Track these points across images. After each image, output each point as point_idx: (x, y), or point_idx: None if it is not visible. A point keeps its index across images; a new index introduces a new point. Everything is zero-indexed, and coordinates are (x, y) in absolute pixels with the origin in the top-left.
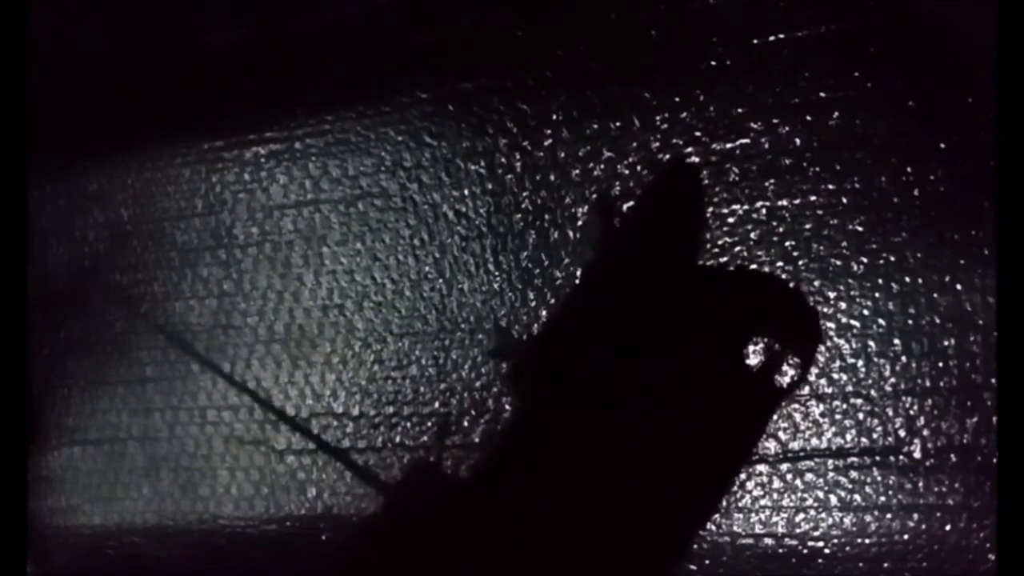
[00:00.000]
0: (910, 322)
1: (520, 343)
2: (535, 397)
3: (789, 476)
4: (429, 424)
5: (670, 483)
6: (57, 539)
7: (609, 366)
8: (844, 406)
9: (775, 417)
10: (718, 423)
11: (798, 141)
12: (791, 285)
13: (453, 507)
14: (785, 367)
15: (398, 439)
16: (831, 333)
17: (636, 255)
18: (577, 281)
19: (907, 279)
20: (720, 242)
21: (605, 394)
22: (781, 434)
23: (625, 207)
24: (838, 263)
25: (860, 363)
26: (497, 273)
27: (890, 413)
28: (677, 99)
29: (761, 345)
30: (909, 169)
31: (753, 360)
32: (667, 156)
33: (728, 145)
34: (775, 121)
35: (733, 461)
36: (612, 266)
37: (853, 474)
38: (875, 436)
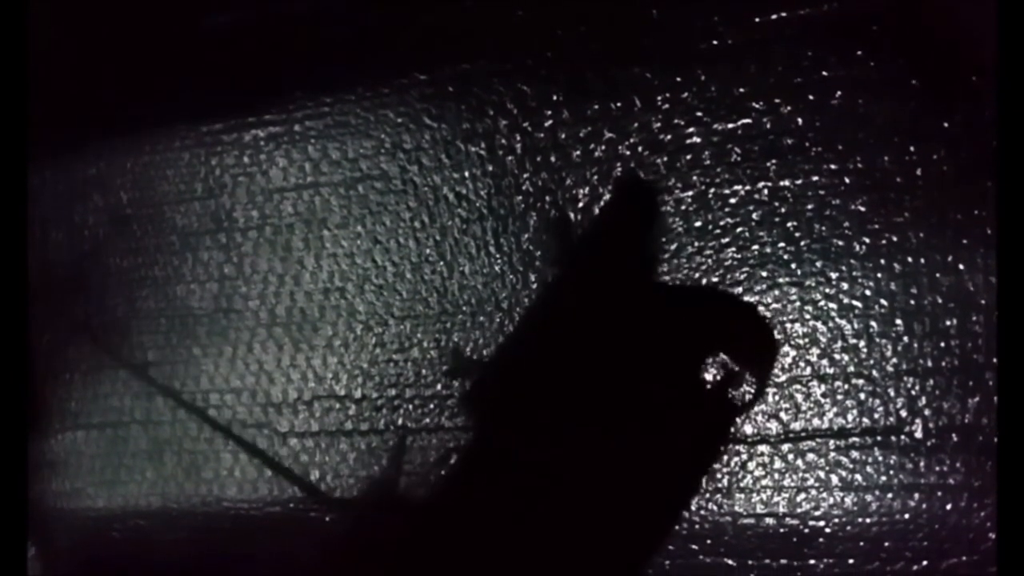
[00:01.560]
0: (912, 302)
1: (475, 363)
2: (493, 415)
3: (791, 456)
4: (431, 406)
5: (629, 498)
6: (61, 522)
7: (567, 383)
8: (846, 386)
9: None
10: (675, 439)
11: (800, 121)
12: (748, 304)
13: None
14: (741, 385)
15: (400, 421)
16: (833, 313)
17: (594, 274)
18: (536, 299)
19: (909, 259)
20: (722, 223)
21: (563, 411)
22: (783, 415)
23: (582, 228)
24: (840, 243)
25: (862, 343)
26: (498, 255)
27: (892, 393)
28: (678, 79)
29: (718, 363)
30: (912, 149)
31: (710, 377)
32: (669, 136)
33: (730, 125)
34: (777, 101)
35: (690, 475)
36: (570, 285)
37: (854, 454)
38: (876, 416)
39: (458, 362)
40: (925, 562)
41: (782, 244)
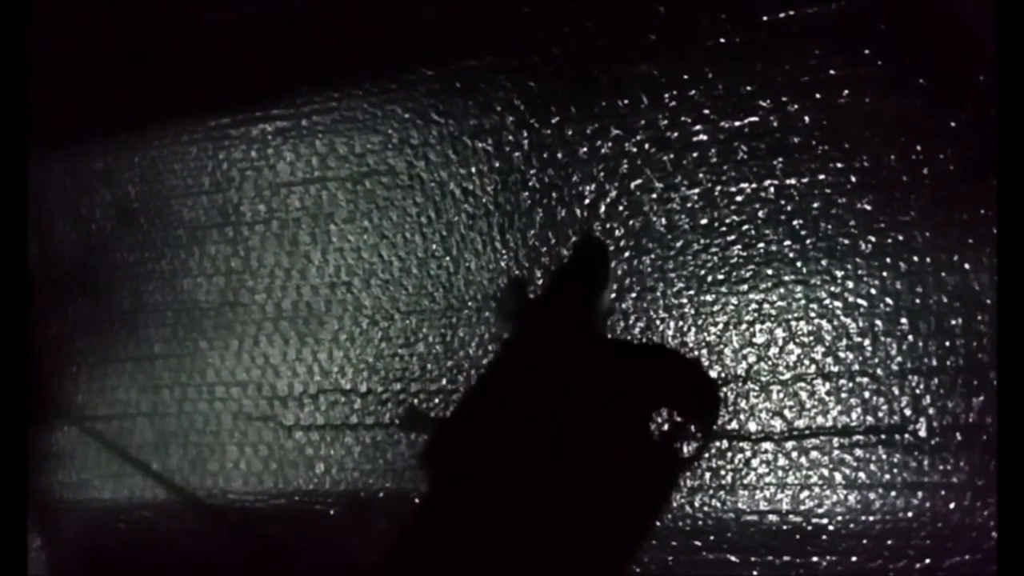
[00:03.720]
0: (917, 301)
1: (430, 418)
2: (448, 470)
3: (794, 454)
4: (437, 401)
5: (581, 544)
6: (67, 514)
7: (520, 438)
8: (850, 385)
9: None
10: (625, 488)
11: (807, 119)
12: (693, 360)
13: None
14: (686, 436)
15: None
16: (838, 312)
17: (549, 331)
18: (491, 356)
19: (915, 258)
20: (728, 221)
21: (515, 466)
22: (787, 412)
23: (537, 285)
24: (846, 242)
25: (867, 342)
26: (504, 251)
27: (896, 392)
28: (685, 77)
29: (664, 416)
30: (918, 148)
31: (656, 430)
32: (675, 134)
33: (736, 123)
34: (784, 99)
35: (640, 521)
36: (525, 341)
37: (858, 452)
38: (881, 415)
39: (414, 417)
40: (928, 560)
41: (788, 242)
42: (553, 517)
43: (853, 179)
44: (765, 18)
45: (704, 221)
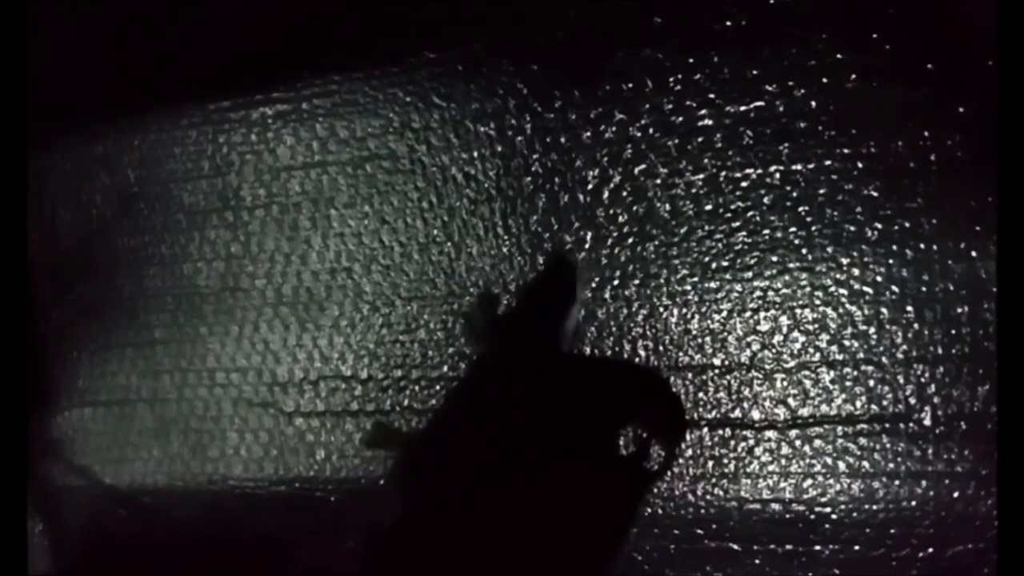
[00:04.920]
0: (923, 289)
1: (400, 433)
2: (419, 483)
3: (798, 442)
4: (438, 388)
5: (550, 557)
6: (68, 499)
7: (489, 455)
8: (855, 373)
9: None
10: (593, 503)
11: (813, 104)
12: (659, 378)
13: None
14: (651, 453)
15: (406, 402)
16: (843, 299)
17: (518, 348)
18: (462, 372)
19: (921, 245)
20: (733, 207)
21: (484, 482)
22: (791, 400)
23: (506, 302)
24: (852, 229)
25: (872, 330)
26: (506, 237)
27: (901, 380)
28: (691, 61)
29: (630, 433)
30: (925, 134)
31: (623, 446)
32: (680, 118)
33: (742, 108)
34: (790, 84)
35: (607, 537)
36: (495, 358)
37: (862, 441)
38: (885, 403)
39: (382, 435)
40: (931, 549)
41: (793, 229)
42: (525, 534)
43: (860, 165)
44: (771, 1)
45: (709, 207)
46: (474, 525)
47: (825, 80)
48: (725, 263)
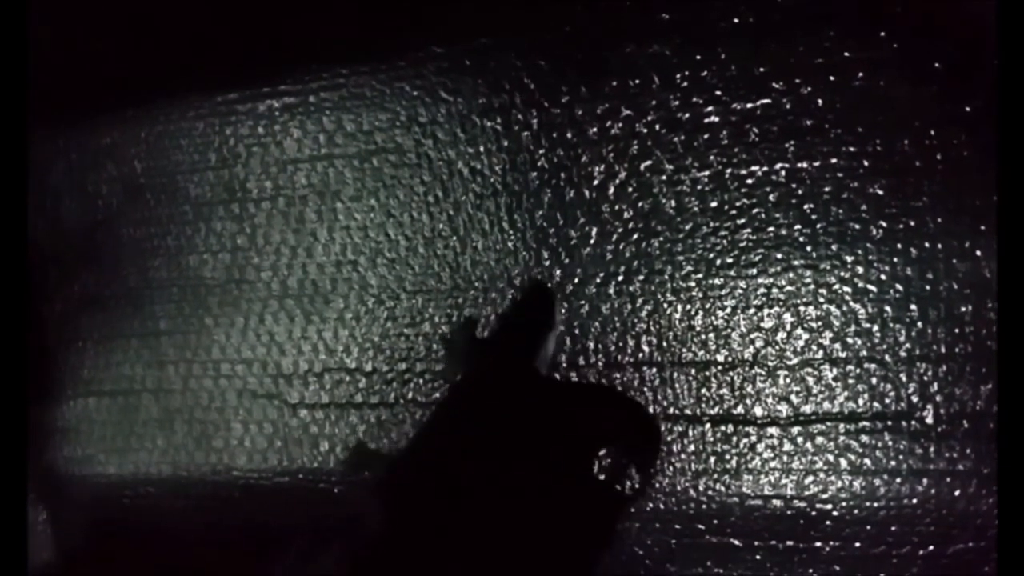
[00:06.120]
0: (928, 288)
1: (380, 455)
2: (398, 506)
3: (800, 439)
4: (441, 381)
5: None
6: (72, 489)
7: (468, 477)
8: (858, 371)
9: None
10: (570, 528)
11: (820, 102)
12: (636, 402)
13: None
14: (629, 477)
15: (410, 396)
16: (847, 297)
17: (495, 372)
18: (442, 394)
19: (926, 244)
20: (738, 204)
21: (463, 503)
22: (793, 397)
23: (486, 326)
24: (857, 227)
25: (875, 328)
26: (511, 232)
27: (904, 379)
28: (698, 57)
29: (608, 457)
30: (932, 133)
31: (600, 470)
32: (687, 115)
33: (748, 105)
34: (797, 81)
35: (581, 560)
36: (475, 380)
37: (864, 438)
38: (888, 401)
39: (361, 455)
40: (931, 547)
41: (798, 226)
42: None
43: (865, 163)
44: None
45: (714, 204)
46: (448, 549)
47: (832, 78)
48: (729, 260)
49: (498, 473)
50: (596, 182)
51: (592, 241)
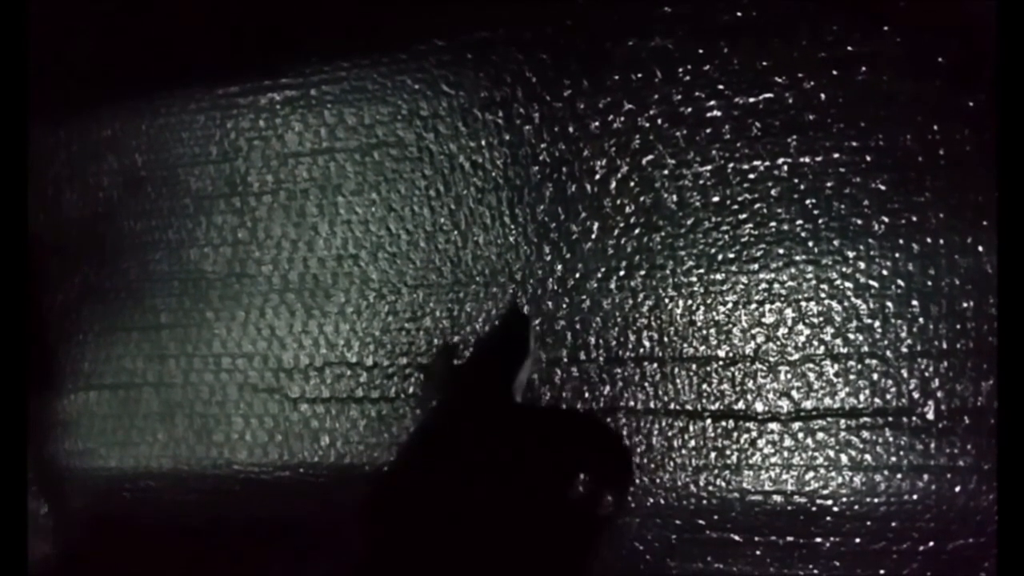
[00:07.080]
0: (929, 283)
1: (363, 473)
2: (381, 526)
3: (800, 435)
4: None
5: None
6: (73, 482)
7: (444, 500)
8: (859, 366)
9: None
10: (545, 552)
11: (823, 96)
12: (609, 428)
13: None
14: (602, 501)
15: (411, 390)
16: (849, 293)
17: (473, 398)
18: (424, 420)
19: (928, 240)
20: (740, 199)
21: (441, 528)
22: (794, 393)
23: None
24: (859, 222)
25: (877, 323)
26: (513, 226)
27: (905, 374)
28: (700, 51)
29: (581, 482)
30: (935, 128)
31: (573, 494)
32: (689, 109)
33: (751, 99)
34: (800, 76)
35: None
36: (450, 407)
37: (865, 434)
38: (889, 397)
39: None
40: (931, 543)
41: (800, 221)
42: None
43: (868, 158)
44: None
45: (716, 199)
46: (426, 570)
47: (835, 72)
48: (731, 255)
49: (473, 496)
50: (598, 176)
51: (594, 236)
